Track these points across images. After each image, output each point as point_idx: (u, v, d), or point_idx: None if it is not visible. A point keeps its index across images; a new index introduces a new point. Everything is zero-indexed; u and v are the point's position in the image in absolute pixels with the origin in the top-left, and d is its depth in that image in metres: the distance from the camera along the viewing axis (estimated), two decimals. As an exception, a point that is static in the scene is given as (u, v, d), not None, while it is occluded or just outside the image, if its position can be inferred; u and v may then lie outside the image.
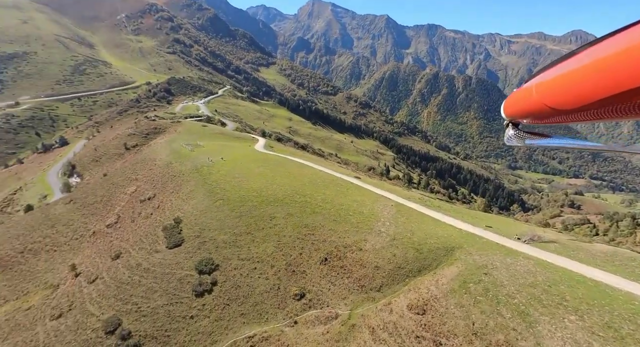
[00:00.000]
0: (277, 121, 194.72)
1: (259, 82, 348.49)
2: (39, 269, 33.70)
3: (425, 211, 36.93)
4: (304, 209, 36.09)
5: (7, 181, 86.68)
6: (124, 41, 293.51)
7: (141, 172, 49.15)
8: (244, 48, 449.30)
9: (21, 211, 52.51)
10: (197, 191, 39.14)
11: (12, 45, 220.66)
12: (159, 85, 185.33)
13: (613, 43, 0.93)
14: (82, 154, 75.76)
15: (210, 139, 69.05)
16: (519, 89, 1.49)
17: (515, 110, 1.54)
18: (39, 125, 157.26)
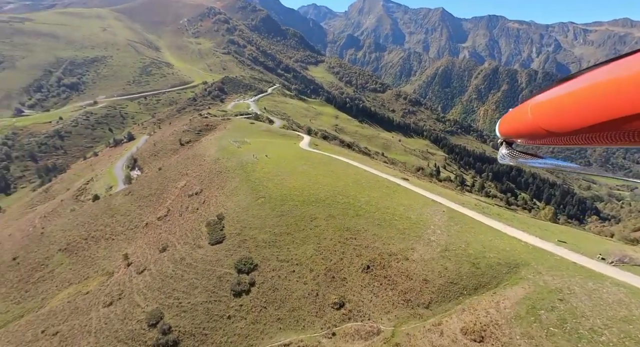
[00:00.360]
0: (324, 119, 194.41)
1: (307, 80, 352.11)
2: (98, 255, 36.34)
3: (482, 219, 32.90)
4: (347, 211, 34.24)
5: (84, 171, 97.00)
6: (185, 44, 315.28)
7: (191, 168, 51.03)
8: (294, 47, 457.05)
9: (90, 200, 57.82)
10: (240, 188, 39.25)
11: (94, 50, 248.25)
12: (213, 84, 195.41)
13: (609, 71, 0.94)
14: (143, 149, 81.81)
15: (256, 136, 70.10)
16: (515, 109, 1.50)
17: (509, 129, 1.55)
18: (112, 122, 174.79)
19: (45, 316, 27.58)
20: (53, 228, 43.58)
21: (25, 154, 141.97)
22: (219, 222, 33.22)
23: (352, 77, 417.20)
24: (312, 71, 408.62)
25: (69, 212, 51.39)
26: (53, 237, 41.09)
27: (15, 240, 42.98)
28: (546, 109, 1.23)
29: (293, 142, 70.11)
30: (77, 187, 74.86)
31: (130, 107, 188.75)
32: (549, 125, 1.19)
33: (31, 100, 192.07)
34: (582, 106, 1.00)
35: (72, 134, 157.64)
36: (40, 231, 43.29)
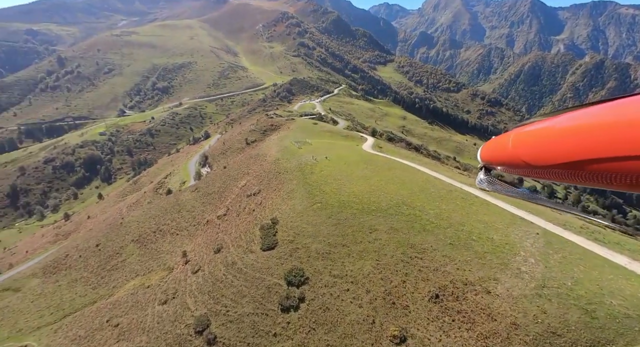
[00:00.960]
0: (390, 120, 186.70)
1: (375, 80, 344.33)
2: (163, 249, 38.02)
3: (595, 249, 25.43)
4: (412, 224, 29.75)
5: (165, 166, 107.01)
6: (259, 48, 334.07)
7: (253, 167, 51.17)
8: (363, 47, 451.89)
9: (164, 194, 62.44)
10: (296, 191, 37.33)
11: (182, 57, 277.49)
12: (282, 86, 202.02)
13: (592, 113, 0.99)
14: (214, 147, 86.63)
15: (318, 137, 68.41)
16: (498, 137, 1.56)
17: (490, 156, 1.60)
18: (193, 122, 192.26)
19: (111, 306, 29.32)
20: (130, 219, 47.70)
21: (124, 149, 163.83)
22: (273, 226, 31.59)
23: (422, 77, 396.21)
24: (380, 71, 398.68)
25: (146, 204, 56.07)
26: (129, 227, 44.89)
27: (101, 227, 48.45)
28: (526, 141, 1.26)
29: (355, 143, 66.73)
30: (157, 180, 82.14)
31: (208, 108, 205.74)
32: (527, 157, 1.22)
33: (131, 102, 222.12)
34: (562, 143, 1.03)
35: (161, 132, 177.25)
36: (120, 220, 47.89)
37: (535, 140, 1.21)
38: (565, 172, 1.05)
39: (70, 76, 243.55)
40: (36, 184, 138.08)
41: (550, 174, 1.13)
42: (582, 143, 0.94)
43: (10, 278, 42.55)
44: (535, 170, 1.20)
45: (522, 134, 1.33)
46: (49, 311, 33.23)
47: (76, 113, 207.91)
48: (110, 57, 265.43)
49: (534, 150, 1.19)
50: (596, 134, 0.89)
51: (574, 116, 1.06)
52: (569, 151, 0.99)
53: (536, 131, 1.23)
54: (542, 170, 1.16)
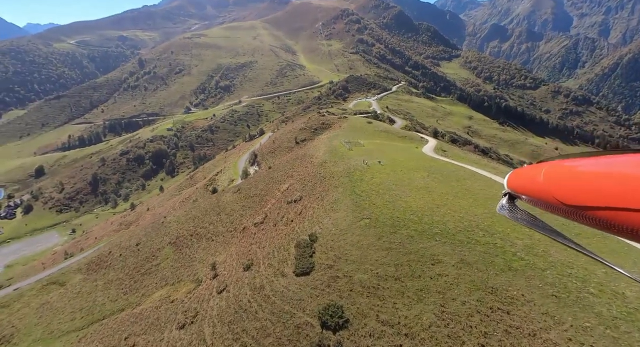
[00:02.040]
0: (454, 120, 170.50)
1: (437, 77, 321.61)
2: (196, 256, 35.41)
3: None
4: (492, 258, 22.16)
5: (219, 162, 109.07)
6: (317, 46, 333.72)
7: (297, 169, 46.71)
8: (426, 42, 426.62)
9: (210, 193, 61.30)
10: (342, 202, 31.60)
11: (244, 56, 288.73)
12: (338, 83, 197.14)
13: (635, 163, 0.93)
14: (264, 145, 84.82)
15: (372, 137, 61.73)
16: (529, 167, 1.51)
17: (517, 185, 1.55)
18: (250, 119, 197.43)
19: (134, 319, 27.18)
20: (172, 218, 46.81)
21: (187, 144, 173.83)
22: (310, 245, 26.35)
23: (493, 72, 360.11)
24: (444, 67, 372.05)
25: (191, 203, 55.31)
26: (169, 227, 43.80)
27: (146, 224, 48.68)
28: (562, 176, 1.22)
29: (414, 146, 58.66)
30: (209, 177, 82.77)
31: (265, 106, 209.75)
32: (559, 193, 1.17)
33: (197, 100, 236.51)
34: (601, 187, 0.99)
35: (220, 129, 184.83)
36: (162, 219, 47.36)
37: (573, 178, 1.15)
38: (598, 218, 1.00)
39: (148, 76, 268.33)
40: (112, 174, 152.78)
41: (580, 216, 1.07)
42: (627, 191, 0.89)
43: (60, 271, 44.68)
44: (565, 209, 1.14)
45: (558, 168, 1.27)
46: (80, 314, 32.83)
47: (150, 110, 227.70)
48: (181, 58, 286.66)
49: (569, 187, 1.14)
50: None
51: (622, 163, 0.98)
52: (611, 196, 0.94)
53: (575, 169, 1.17)
54: (572, 211, 1.11)
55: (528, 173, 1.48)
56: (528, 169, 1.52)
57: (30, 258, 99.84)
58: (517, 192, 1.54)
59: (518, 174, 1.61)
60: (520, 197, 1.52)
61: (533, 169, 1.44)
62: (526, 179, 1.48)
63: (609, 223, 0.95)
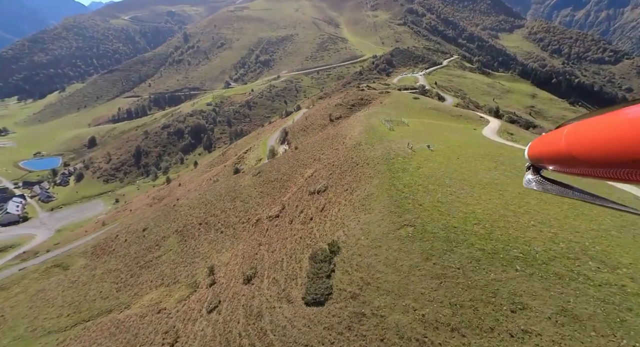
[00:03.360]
0: (514, 98, 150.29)
1: (496, 50, 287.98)
2: (200, 250, 30.76)
3: None
4: (619, 315, 13.87)
5: (251, 139, 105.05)
6: (362, 18, 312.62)
7: (326, 151, 39.60)
8: (484, 12, 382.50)
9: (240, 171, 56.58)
10: (376, 198, 24.25)
11: (285, 29, 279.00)
12: (382, 57, 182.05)
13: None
14: (297, 122, 78.24)
15: (418, 116, 52.21)
16: (548, 134, 1.48)
17: (539, 154, 1.52)
18: (287, 95, 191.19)
19: (115, 329, 23.36)
20: (184, 202, 42.85)
21: (225, 119, 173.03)
22: (329, 258, 19.66)
23: (563, 45, 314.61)
24: (505, 39, 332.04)
25: (211, 183, 51.04)
26: (179, 213, 39.84)
27: (157, 206, 45.66)
28: (582, 137, 1.19)
29: (472, 127, 48.41)
30: (238, 155, 78.67)
31: (304, 82, 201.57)
32: (582, 155, 1.15)
33: (236, 75, 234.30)
34: (623, 140, 0.96)
35: (257, 105, 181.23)
36: (174, 202, 43.65)
37: (594, 136, 1.11)
38: (628, 172, 0.97)
39: (191, 51, 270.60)
40: (154, 147, 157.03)
41: (610, 173, 1.05)
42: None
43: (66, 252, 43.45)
44: (593, 170, 1.11)
45: (578, 127, 1.24)
46: (68, 310, 30.30)
47: (191, 84, 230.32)
48: (223, 32, 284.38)
49: (593, 147, 1.10)
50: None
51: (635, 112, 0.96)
52: (635, 147, 0.91)
53: (596, 126, 1.12)
54: (600, 170, 1.08)
55: (549, 139, 1.43)
56: (548, 135, 1.46)
57: (78, 224, 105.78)
58: (540, 162, 1.51)
59: (538, 143, 1.55)
60: (545, 166, 1.49)
61: (553, 135, 1.39)
62: (548, 146, 1.43)
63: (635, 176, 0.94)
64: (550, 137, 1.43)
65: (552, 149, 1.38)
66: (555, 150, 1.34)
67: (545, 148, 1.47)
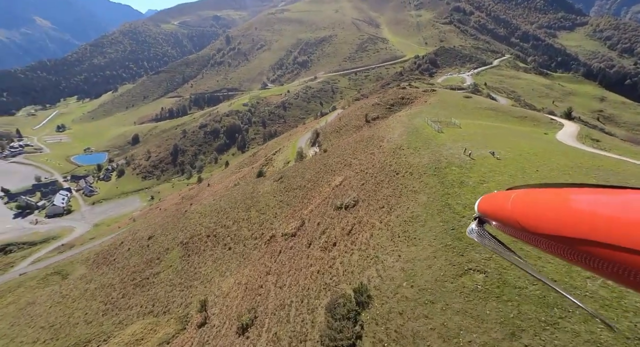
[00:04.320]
0: (577, 101, 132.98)
1: (554, 49, 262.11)
2: (201, 271, 26.01)
3: None
4: None
5: (282, 140, 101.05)
6: (404, 17, 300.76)
7: (360, 156, 33.29)
8: (540, 9, 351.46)
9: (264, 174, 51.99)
10: (425, 223, 17.63)
11: (324, 31, 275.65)
12: (425, 56, 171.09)
13: (603, 197, 0.97)
14: (330, 123, 72.53)
15: (473, 117, 44.05)
16: (499, 193, 1.57)
17: (487, 209, 1.60)
18: (323, 96, 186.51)
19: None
20: (197, 207, 38.67)
21: (260, 120, 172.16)
22: (355, 314, 13.44)
23: (636, 43, 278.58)
24: (564, 38, 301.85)
25: (230, 187, 46.78)
26: (188, 221, 35.70)
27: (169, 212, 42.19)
28: (527, 204, 1.27)
29: (542, 131, 39.46)
30: (267, 156, 74.64)
31: (341, 83, 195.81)
32: (524, 221, 1.23)
33: (274, 76, 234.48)
34: (564, 217, 1.04)
35: (292, 106, 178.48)
36: (187, 208, 39.68)
37: (536, 207, 1.21)
38: (556, 246, 1.06)
39: (232, 52, 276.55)
40: (190, 146, 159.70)
41: (542, 243, 1.13)
42: (584, 223, 0.94)
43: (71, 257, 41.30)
44: (528, 236, 1.20)
45: (526, 195, 1.32)
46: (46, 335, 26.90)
47: (230, 85, 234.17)
48: (263, 34, 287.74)
49: (533, 215, 1.20)
50: (601, 219, 0.89)
51: (586, 196, 1.03)
52: (570, 226, 1.00)
53: (540, 197, 1.22)
54: (534, 238, 1.17)
55: (498, 199, 1.52)
56: (498, 195, 1.55)
57: (114, 219, 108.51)
58: (487, 216, 1.59)
59: (488, 199, 1.63)
60: (490, 221, 1.57)
61: (503, 196, 1.48)
62: (496, 204, 1.52)
63: (568, 252, 1.01)
64: (500, 196, 1.51)
65: (499, 207, 1.46)
66: (501, 209, 1.42)
67: (493, 205, 1.54)
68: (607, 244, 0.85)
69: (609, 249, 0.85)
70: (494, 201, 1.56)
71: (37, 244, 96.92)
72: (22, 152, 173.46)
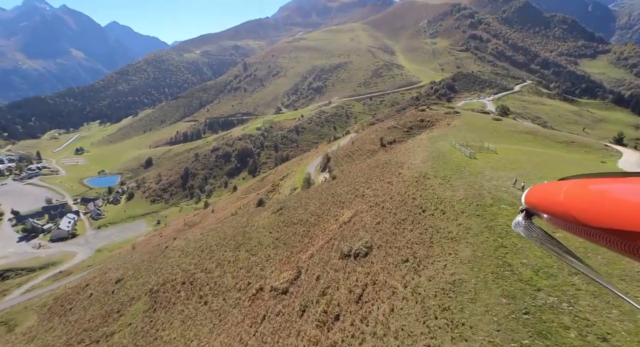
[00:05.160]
0: (610, 128, 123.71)
1: (576, 76, 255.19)
2: (161, 338, 19.72)
3: None
4: None
5: (291, 165, 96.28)
6: (419, 45, 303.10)
7: (374, 185, 27.33)
8: (560, 37, 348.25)
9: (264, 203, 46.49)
10: (474, 296, 11.15)
11: (340, 57, 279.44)
12: (442, 81, 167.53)
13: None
14: (341, 147, 67.33)
15: (508, 141, 37.74)
16: (549, 183, 1.50)
17: (536, 201, 1.52)
18: (337, 121, 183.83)
19: None
20: (179, 243, 32.89)
21: (272, 144, 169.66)
22: None
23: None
24: (586, 66, 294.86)
25: (226, 217, 41.27)
26: (166, 260, 29.91)
27: (148, 248, 36.77)
28: (583, 195, 1.20)
29: (598, 159, 32.58)
30: (274, 182, 69.55)
31: (355, 108, 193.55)
32: (578, 213, 1.17)
33: (288, 101, 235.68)
34: (624, 209, 0.98)
35: (306, 130, 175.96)
36: (167, 244, 34.16)
37: (594, 198, 1.14)
38: (614, 239, 1.00)
39: (249, 79, 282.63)
40: (201, 169, 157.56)
41: (597, 237, 1.07)
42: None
43: (27, 302, 35.87)
44: (582, 229, 1.14)
45: (581, 186, 1.26)
46: None
47: (244, 110, 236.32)
48: (279, 61, 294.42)
49: (589, 207, 1.13)
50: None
51: None
52: (629, 219, 0.94)
53: (598, 189, 1.16)
54: (589, 231, 1.11)
55: (548, 190, 1.45)
56: (549, 186, 1.47)
57: (117, 245, 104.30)
58: (535, 209, 1.51)
59: (537, 190, 1.54)
60: (539, 214, 1.49)
61: (554, 187, 1.40)
62: (546, 196, 1.44)
63: (626, 246, 0.96)
64: (551, 187, 1.44)
65: (549, 199, 1.39)
66: (552, 200, 1.36)
67: (543, 196, 1.47)
68: None
69: None
70: (545, 192, 1.47)
71: (35, 270, 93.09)
72: (38, 174, 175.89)
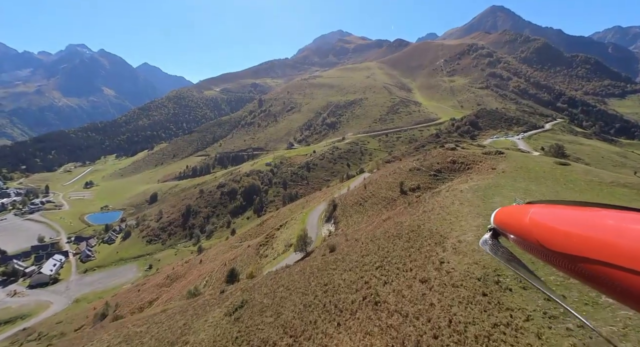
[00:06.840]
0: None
1: (607, 115, 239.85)
2: None
3: None
4: None
5: (296, 207, 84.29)
6: (437, 83, 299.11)
7: (396, 280, 14.71)
8: (583, 76, 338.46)
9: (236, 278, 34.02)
10: None
11: (355, 94, 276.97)
12: (464, 118, 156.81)
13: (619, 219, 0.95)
14: (352, 191, 55.16)
15: (594, 197, 24.67)
16: (517, 206, 1.56)
17: (503, 222, 1.57)
18: (351, 157, 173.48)
19: None
20: (144, 329, 20.54)
21: (281, 181, 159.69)
22: None
23: None
24: (615, 105, 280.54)
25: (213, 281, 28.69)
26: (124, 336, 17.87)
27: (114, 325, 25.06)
28: (547, 219, 1.25)
29: None
30: (267, 233, 57.43)
31: (370, 144, 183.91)
32: (540, 237, 1.21)
33: (301, 136, 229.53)
34: (583, 236, 1.02)
35: (317, 167, 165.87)
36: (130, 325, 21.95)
37: (557, 224, 1.18)
38: (575, 267, 1.03)
39: (263, 114, 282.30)
40: (204, 207, 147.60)
41: (559, 263, 1.11)
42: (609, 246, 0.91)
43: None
44: (544, 253, 1.18)
45: (545, 212, 1.30)
46: None
47: (256, 144, 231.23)
48: (295, 98, 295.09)
49: (552, 233, 1.17)
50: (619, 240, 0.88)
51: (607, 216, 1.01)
52: (586, 246, 0.98)
53: (562, 215, 1.20)
54: (549, 255, 1.15)
55: (515, 212, 1.50)
56: (516, 208, 1.53)
57: (98, 294, 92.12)
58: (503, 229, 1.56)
59: (505, 212, 1.61)
60: (505, 234, 1.54)
61: (521, 210, 1.46)
62: (513, 218, 1.50)
63: (585, 274, 0.98)
64: (518, 210, 1.48)
65: (515, 221, 1.43)
66: (518, 223, 1.39)
67: (510, 218, 1.51)
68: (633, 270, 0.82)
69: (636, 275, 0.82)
70: (512, 214, 1.52)
71: (1, 324, 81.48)
72: (40, 209, 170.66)
